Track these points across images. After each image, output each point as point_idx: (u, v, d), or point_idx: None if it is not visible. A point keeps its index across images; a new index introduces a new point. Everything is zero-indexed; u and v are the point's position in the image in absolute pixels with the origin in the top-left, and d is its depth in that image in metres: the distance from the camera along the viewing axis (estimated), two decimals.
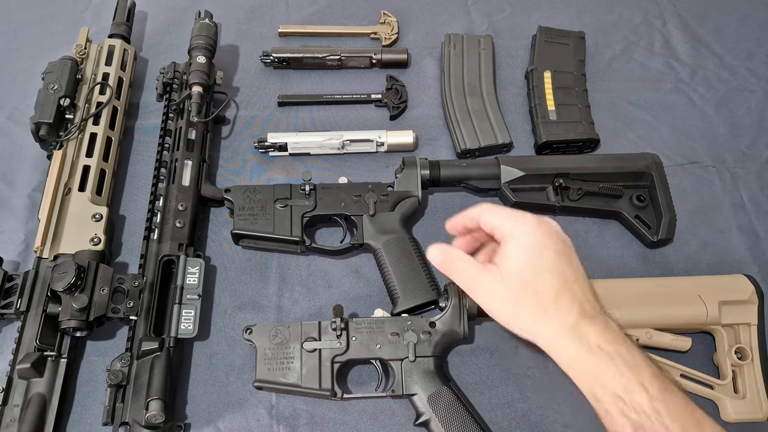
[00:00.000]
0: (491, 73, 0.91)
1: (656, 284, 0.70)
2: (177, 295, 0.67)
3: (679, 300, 0.68)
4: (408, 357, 0.64)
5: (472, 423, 0.63)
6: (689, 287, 0.69)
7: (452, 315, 0.66)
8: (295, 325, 0.66)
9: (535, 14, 0.99)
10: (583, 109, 0.87)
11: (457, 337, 0.66)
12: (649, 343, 0.67)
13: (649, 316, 0.67)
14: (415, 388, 0.64)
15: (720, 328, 0.69)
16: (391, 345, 0.65)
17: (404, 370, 0.64)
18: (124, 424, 0.62)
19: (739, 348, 0.68)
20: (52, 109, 0.76)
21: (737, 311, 0.68)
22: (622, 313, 0.64)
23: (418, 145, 0.86)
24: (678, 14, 1.01)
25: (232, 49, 0.95)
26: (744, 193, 0.84)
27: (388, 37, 0.95)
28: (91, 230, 0.71)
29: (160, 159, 0.79)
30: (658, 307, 0.67)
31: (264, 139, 0.83)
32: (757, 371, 0.67)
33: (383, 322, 0.66)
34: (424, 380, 0.64)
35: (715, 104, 0.92)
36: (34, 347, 0.64)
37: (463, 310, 0.66)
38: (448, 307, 0.66)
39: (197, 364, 0.70)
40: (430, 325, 0.66)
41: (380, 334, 0.65)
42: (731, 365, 0.68)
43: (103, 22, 0.92)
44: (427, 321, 0.66)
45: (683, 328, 0.69)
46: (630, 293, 0.68)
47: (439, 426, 0.63)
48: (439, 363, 0.66)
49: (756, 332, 0.68)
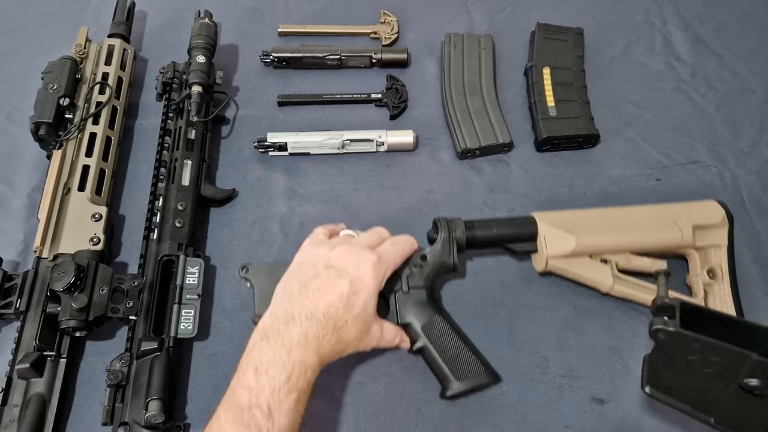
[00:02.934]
0: (491, 73, 0.91)
1: (635, 212, 0.74)
2: (177, 295, 0.67)
3: (656, 226, 0.72)
4: (402, 288, 0.67)
5: (465, 348, 0.66)
6: (665, 214, 0.73)
7: (442, 247, 0.69)
8: (288, 264, 0.65)
9: (535, 13, 0.99)
10: (582, 104, 0.87)
11: (447, 267, 0.69)
12: (629, 267, 0.71)
13: (628, 240, 0.71)
14: (409, 317, 0.66)
15: (693, 251, 0.73)
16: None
17: (398, 301, 0.67)
18: (123, 424, 0.62)
19: (710, 268, 0.72)
20: (52, 108, 0.76)
21: (709, 234, 0.73)
22: (604, 240, 0.70)
23: (418, 144, 0.86)
24: (678, 14, 1.01)
25: (231, 48, 0.95)
26: (744, 193, 0.84)
27: (388, 36, 0.95)
28: (91, 230, 0.71)
29: (160, 159, 0.79)
30: (637, 233, 0.71)
31: (264, 138, 0.83)
32: (726, 289, 0.72)
33: None
34: (417, 310, 0.67)
35: (716, 104, 0.92)
36: (34, 347, 0.64)
37: (453, 243, 0.69)
38: (438, 241, 0.69)
39: (197, 364, 0.70)
40: (422, 258, 0.68)
41: None
42: (703, 284, 0.72)
43: (103, 21, 0.92)
44: (419, 254, 0.68)
45: (660, 252, 0.73)
46: (609, 221, 0.72)
47: (433, 351, 0.65)
48: (431, 294, 0.68)
49: (725, 253, 0.73)
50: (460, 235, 0.69)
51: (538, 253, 0.71)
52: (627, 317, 0.73)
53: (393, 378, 0.69)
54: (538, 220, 0.71)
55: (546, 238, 0.70)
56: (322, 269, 0.60)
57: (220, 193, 0.79)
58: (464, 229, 0.69)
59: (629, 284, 0.71)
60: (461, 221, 0.70)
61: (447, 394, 0.65)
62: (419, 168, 0.85)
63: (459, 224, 0.69)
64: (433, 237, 0.70)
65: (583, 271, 0.70)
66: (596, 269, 0.70)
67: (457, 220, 0.70)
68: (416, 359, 0.69)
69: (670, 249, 0.73)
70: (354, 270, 0.60)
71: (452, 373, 0.65)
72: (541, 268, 0.71)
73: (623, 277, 0.71)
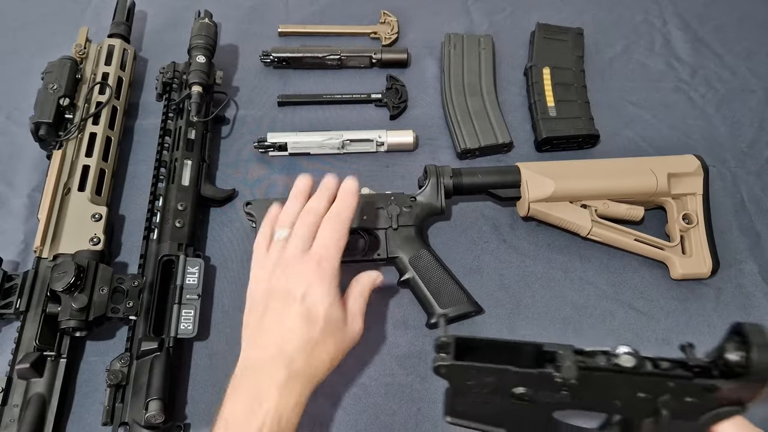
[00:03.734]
0: (491, 73, 0.91)
1: (614, 163, 0.78)
2: (177, 295, 0.67)
3: (632, 173, 0.76)
4: (392, 226, 0.72)
5: (449, 279, 0.71)
6: (642, 164, 0.77)
7: (431, 191, 0.74)
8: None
9: (535, 13, 0.99)
10: (582, 104, 0.88)
11: (435, 210, 0.74)
12: (606, 213, 0.75)
13: (606, 186, 0.75)
14: (397, 252, 0.72)
15: (670, 200, 0.77)
16: (376, 217, 0.73)
17: (388, 237, 0.72)
18: (123, 424, 0.62)
19: (686, 214, 0.76)
20: (52, 108, 0.76)
21: (685, 183, 0.77)
22: (583, 185, 0.74)
23: (418, 144, 0.86)
24: (678, 14, 1.01)
25: (231, 48, 0.95)
26: (744, 193, 0.84)
27: (388, 36, 0.95)
28: (91, 230, 0.71)
29: (160, 159, 0.79)
30: (615, 180, 0.75)
31: (264, 138, 0.83)
32: (701, 234, 0.76)
33: (370, 197, 0.74)
34: (405, 245, 0.72)
35: (716, 104, 0.92)
36: (34, 347, 0.64)
37: (441, 188, 0.74)
38: (426, 185, 0.74)
39: (197, 364, 0.70)
40: (411, 199, 0.74)
41: (367, 208, 0.73)
42: (679, 230, 0.76)
43: (103, 21, 0.92)
44: (408, 196, 0.74)
45: (637, 199, 0.76)
46: (589, 169, 0.76)
47: (419, 282, 0.70)
48: (420, 231, 0.73)
49: (701, 200, 0.77)
50: (447, 181, 0.74)
51: (521, 199, 0.75)
52: (627, 317, 0.74)
53: (393, 378, 0.69)
54: (522, 168, 0.75)
55: (528, 183, 0.74)
56: (269, 302, 0.57)
57: (220, 193, 0.79)
58: (451, 175, 0.74)
59: (607, 228, 0.75)
60: (449, 168, 0.75)
61: (431, 321, 0.70)
62: (419, 168, 0.84)
63: (447, 171, 0.75)
64: (423, 183, 0.75)
65: (564, 214, 0.74)
66: (576, 213, 0.74)
67: (446, 167, 0.75)
68: (416, 359, 0.69)
69: (646, 195, 0.76)
70: (298, 288, 0.56)
71: (437, 302, 0.69)
72: (523, 212, 0.76)
73: (602, 221, 0.75)
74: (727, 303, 0.75)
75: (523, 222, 0.80)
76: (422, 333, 0.72)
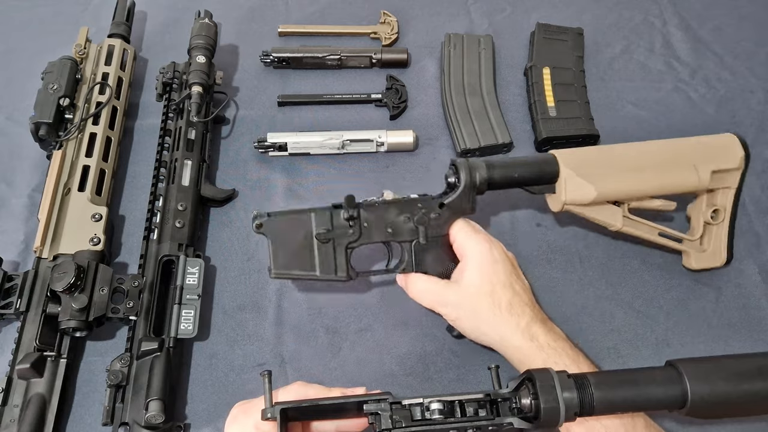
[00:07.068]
0: (491, 73, 0.91)
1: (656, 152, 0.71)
2: (177, 296, 0.67)
3: (674, 170, 0.70)
4: (419, 239, 0.65)
5: None
6: (686, 154, 0.70)
7: (462, 194, 0.66)
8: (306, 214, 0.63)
9: (535, 14, 0.99)
10: (582, 105, 0.88)
11: (465, 212, 0.67)
12: (640, 207, 0.71)
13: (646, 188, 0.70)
14: (425, 267, 0.66)
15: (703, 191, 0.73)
16: (402, 228, 0.65)
17: (416, 251, 0.66)
18: (123, 425, 0.62)
19: (715, 209, 0.72)
20: (52, 109, 0.76)
21: (724, 178, 0.72)
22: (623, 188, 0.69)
23: (418, 145, 0.86)
24: (678, 14, 1.01)
25: (231, 48, 0.95)
26: (744, 193, 0.83)
27: (388, 36, 0.95)
28: (91, 230, 0.71)
29: (160, 159, 0.79)
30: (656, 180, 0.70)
31: (264, 138, 0.83)
32: (724, 229, 0.73)
33: (395, 203, 0.66)
34: (434, 262, 0.66)
35: (716, 104, 0.92)
36: (34, 347, 0.64)
37: (473, 189, 0.66)
38: (459, 187, 0.66)
39: (197, 364, 0.70)
40: (440, 206, 0.66)
41: (392, 217, 0.65)
42: (704, 222, 0.73)
43: (103, 21, 0.92)
44: (437, 202, 0.66)
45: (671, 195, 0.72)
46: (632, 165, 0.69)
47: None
48: (447, 240, 0.67)
49: (733, 195, 0.73)
50: (481, 181, 0.66)
51: (555, 194, 0.69)
52: (627, 317, 0.74)
53: (393, 378, 0.69)
54: (560, 161, 0.68)
55: (566, 184, 0.68)
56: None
57: (220, 193, 0.79)
58: (486, 174, 0.66)
59: (637, 224, 0.72)
60: (482, 163, 0.66)
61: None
62: (419, 168, 0.85)
63: (480, 165, 0.66)
64: (452, 181, 0.67)
65: (597, 214, 0.70)
66: (609, 212, 0.70)
67: (478, 160, 0.66)
68: (417, 359, 0.69)
69: (683, 192, 0.72)
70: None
71: None
72: (556, 209, 0.70)
73: (632, 217, 0.72)
74: (726, 303, 0.75)
75: (522, 222, 0.80)
76: (422, 333, 0.72)
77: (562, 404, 0.46)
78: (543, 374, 0.47)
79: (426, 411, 0.47)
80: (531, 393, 0.47)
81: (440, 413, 0.46)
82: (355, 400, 0.48)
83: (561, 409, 0.46)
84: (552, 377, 0.47)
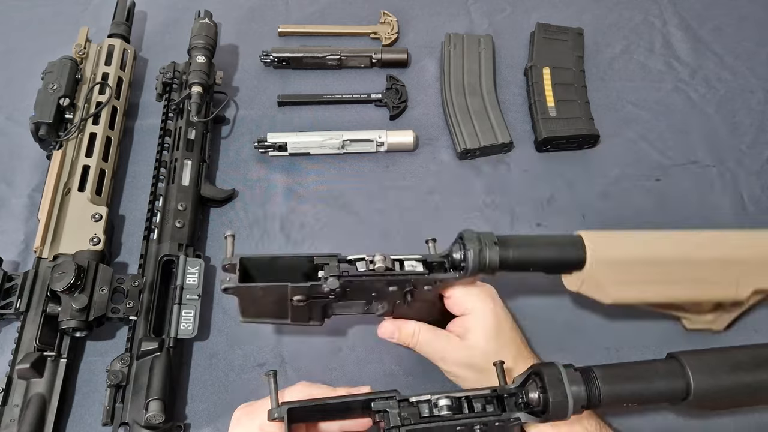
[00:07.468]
0: (491, 73, 0.91)
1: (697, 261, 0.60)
2: (177, 296, 0.67)
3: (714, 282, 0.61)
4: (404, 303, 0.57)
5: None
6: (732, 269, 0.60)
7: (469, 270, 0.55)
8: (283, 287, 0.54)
9: (535, 14, 0.99)
10: (582, 105, 0.88)
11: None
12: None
13: (677, 296, 0.62)
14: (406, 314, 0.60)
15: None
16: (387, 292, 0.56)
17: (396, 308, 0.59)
18: (123, 425, 0.62)
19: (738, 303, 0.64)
20: (52, 109, 0.76)
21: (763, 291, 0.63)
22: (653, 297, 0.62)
23: (418, 144, 0.86)
24: (678, 14, 1.01)
25: (231, 48, 0.95)
26: (744, 193, 0.84)
27: (388, 36, 0.95)
28: (91, 230, 0.71)
29: (160, 159, 0.79)
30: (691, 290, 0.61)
31: (264, 138, 0.83)
32: (738, 311, 0.69)
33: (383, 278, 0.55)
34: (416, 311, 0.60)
35: (716, 104, 0.92)
36: (34, 347, 0.64)
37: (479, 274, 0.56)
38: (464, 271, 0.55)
39: (197, 364, 0.70)
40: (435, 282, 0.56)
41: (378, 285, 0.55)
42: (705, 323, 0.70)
43: (103, 21, 0.92)
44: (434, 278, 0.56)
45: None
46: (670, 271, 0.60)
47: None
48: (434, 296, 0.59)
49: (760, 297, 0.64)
50: (492, 265, 0.55)
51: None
52: (627, 318, 0.74)
53: (393, 378, 0.69)
54: (588, 249, 0.57)
55: (595, 279, 0.58)
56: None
57: (220, 193, 0.79)
58: (497, 257, 0.54)
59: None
60: (495, 246, 0.55)
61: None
62: (419, 168, 0.85)
63: (492, 249, 0.54)
64: (457, 258, 0.55)
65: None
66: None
67: (490, 240, 0.55)
68: (417, 359, 0.69)
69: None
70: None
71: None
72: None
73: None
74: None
75: (522, 222, 0.80)
76: None
77: (570, 398, 0.46)
78: (550, 368, 0.48)
79: (434, 408, 0.47)
80: (539, 387, 0.47)
81: (448, 409, 0.46)
82: (363, 398, 0.48)
83: (569, 403, 0.46)
84: (559, 371, 0.47)
